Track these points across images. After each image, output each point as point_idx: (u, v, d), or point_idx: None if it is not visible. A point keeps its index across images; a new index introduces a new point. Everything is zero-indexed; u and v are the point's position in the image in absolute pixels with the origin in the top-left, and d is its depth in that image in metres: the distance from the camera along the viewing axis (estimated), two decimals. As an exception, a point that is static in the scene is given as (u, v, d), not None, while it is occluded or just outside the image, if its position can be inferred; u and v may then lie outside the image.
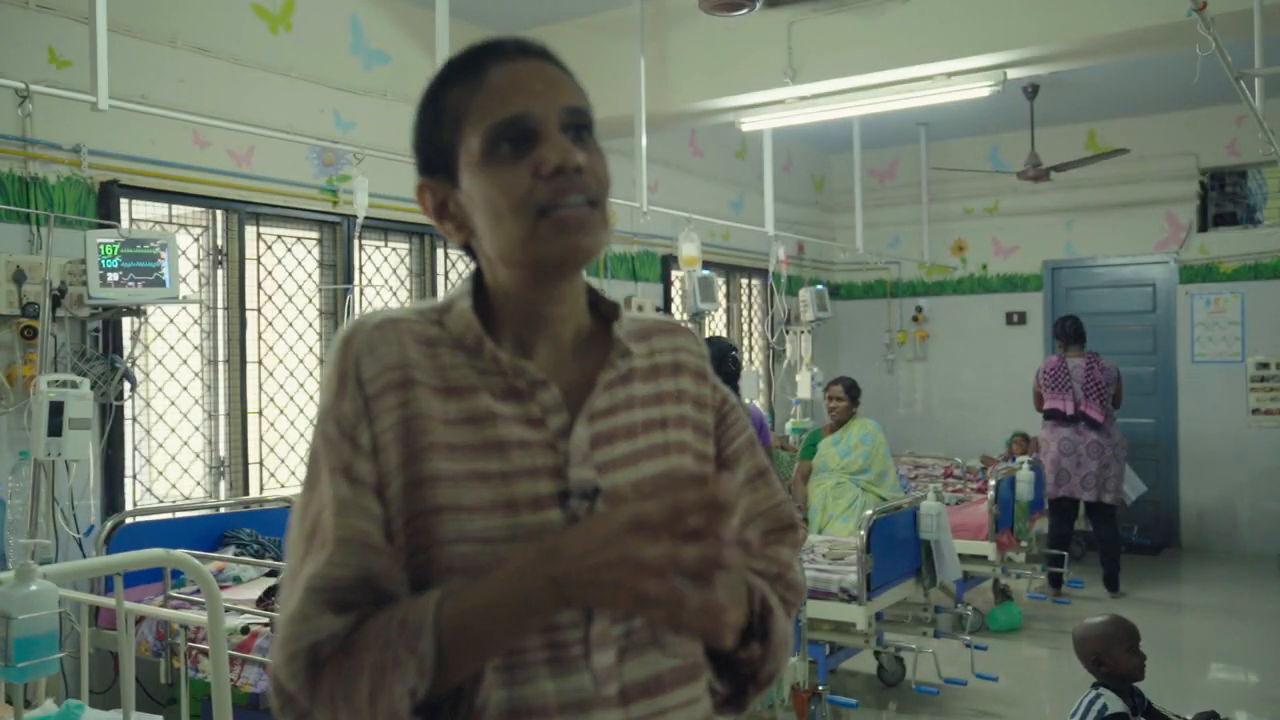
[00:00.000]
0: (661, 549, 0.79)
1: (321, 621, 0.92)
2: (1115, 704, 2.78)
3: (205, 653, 2.99)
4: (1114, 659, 2.86)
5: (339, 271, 5.04)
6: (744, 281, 8.19)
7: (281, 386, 4.86)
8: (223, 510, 4.38)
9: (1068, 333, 6.56)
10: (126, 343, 4.10)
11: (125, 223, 4.13)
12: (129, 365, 4.06)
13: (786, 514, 1.18)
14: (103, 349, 3.99)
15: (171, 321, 4.44)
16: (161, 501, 4.36)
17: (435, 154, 1.04)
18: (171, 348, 4.44)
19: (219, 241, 4.57)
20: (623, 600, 0.81)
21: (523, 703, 0.94)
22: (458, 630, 0.88)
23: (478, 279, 1.06)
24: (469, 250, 1.07)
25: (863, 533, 4.36)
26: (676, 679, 1.01)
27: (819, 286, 8.07)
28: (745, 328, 8.24)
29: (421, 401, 0.97)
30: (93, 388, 3.68)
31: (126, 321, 4.07)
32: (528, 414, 0.99)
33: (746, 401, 6.78)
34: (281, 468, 4.86)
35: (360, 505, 0.95)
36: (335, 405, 0.98)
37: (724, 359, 4.36)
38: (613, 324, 1.07)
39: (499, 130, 0.98)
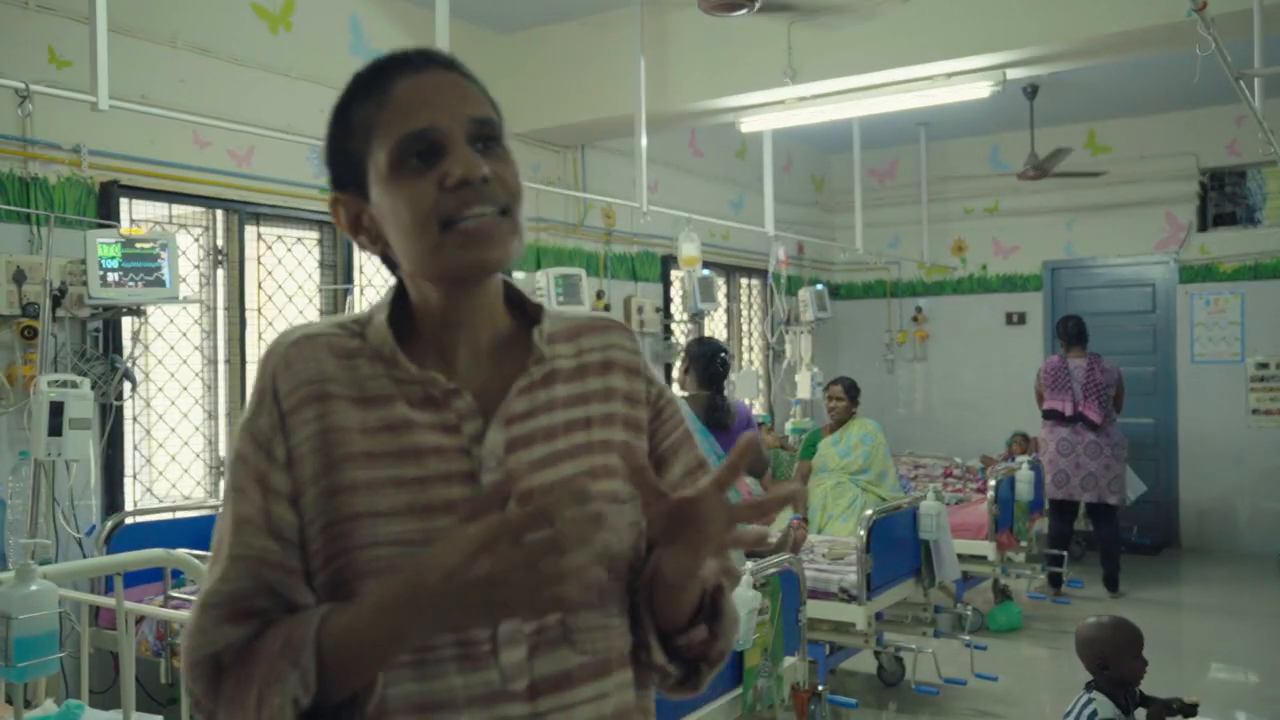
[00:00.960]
0: (505, 559, 0.84)
1: (217, 634, 0.98)
2: (1106, 709, 2.77)
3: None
4: (1120, 664, 2.85)
5: (339, 271, 5.04)
6: (744, 281, 8.19)
7: (281, 386, 4.85)
8: (223, 510, 4.38)
9: (1070, 333, 6.56)
10: (126, 343, 4.10)
11: (125, 223, 4.12)
12: (129, 365, 4.06)
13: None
14: (103, 349, 3.99)
15: (172, 321, 4.44)
16: (161, 501, 4.36)
17: (346, 168, 1.06)
18: (172, 348, 4.44)
19: (219, 241, 4.57)
20: (487, 616, 0.88)
21: (432, 696, 0.98)
22: (337, 647, 0.93)
23: (400, 289, 1.09)
24: (388, 261, 1.09)
25: (863, 532, 4.36)
26: (585, 675, 1.03)
27: (819, 286, 8.07)
28: (745, 328, 8.24)
29: (339, 414, 1.01)
30: (93, 388, 3.68)
31: (126, 321, 4.07)
32: (443, 421, 1.02)
33: (746, 401, 6.78)
34: (281, 468, 4.85)
35: (260, 523, 1.00)
36: (252, 421, 1.03)
37: (713, 359, 4.38)
38: (534, 329, 1.09)
39: (405, 144, 1.00)
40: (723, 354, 4.41)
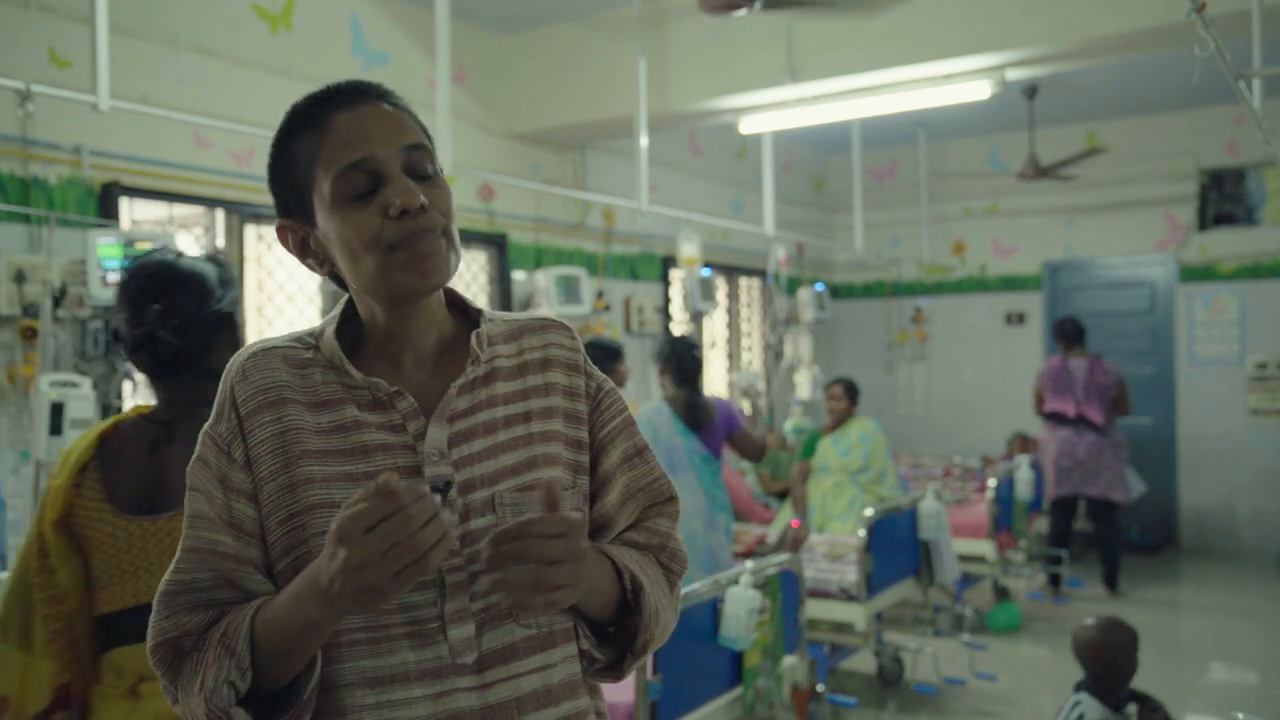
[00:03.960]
0: (363, 546, 0.92)
1: (171, 622, 1.09)
2: (1093, 712, 2.76)
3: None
4: (1119, 666, 2.82)
5: (339, 272, 5.04)
6: (744, 281, 8.19)
7: (282, 386, 4.85)
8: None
9: (1068, 334, 6.56)
10: (127, 343, 4.09)
11: (126, 223, 4.13)
12: (129, 365, 4.06)
13: (664, 488, 1.27)
14: (103, 349, 3.99)
15: (172, 322, 4.44)
16: (162, 501, 4.35)
17: (291, 197, 1.16)
18: (172, 348, 4.43)
19: (219, 242, 4.57)
20: (367, 601, 0.94)
21: (386, 670, 1.06)
22: (268, 636, 1.03)
23: (349, 303, 1.21)
24: (336, 279, 1.20)
25: (863, 532, 4.36)
26: (530, 647, 1.12)
27: (819, 287, 8.07)
28: (745, 328, 8.24)
29: (294, 417, 1.11)
30: (93, 388, 3.68)
31: (127, 321, 4.07)
32: (389, 421, 1.12)
33: (741, 401, 6.78)
34: (282, 468, 4.85)
35: (216, 518, 1.10)
36: (213, 427, 1.14)
37: (685, 356, 4.34)
38: (473, 332, 1.19)
39: (346, 174, 1.10)
40: (694, 350, 4.37)
